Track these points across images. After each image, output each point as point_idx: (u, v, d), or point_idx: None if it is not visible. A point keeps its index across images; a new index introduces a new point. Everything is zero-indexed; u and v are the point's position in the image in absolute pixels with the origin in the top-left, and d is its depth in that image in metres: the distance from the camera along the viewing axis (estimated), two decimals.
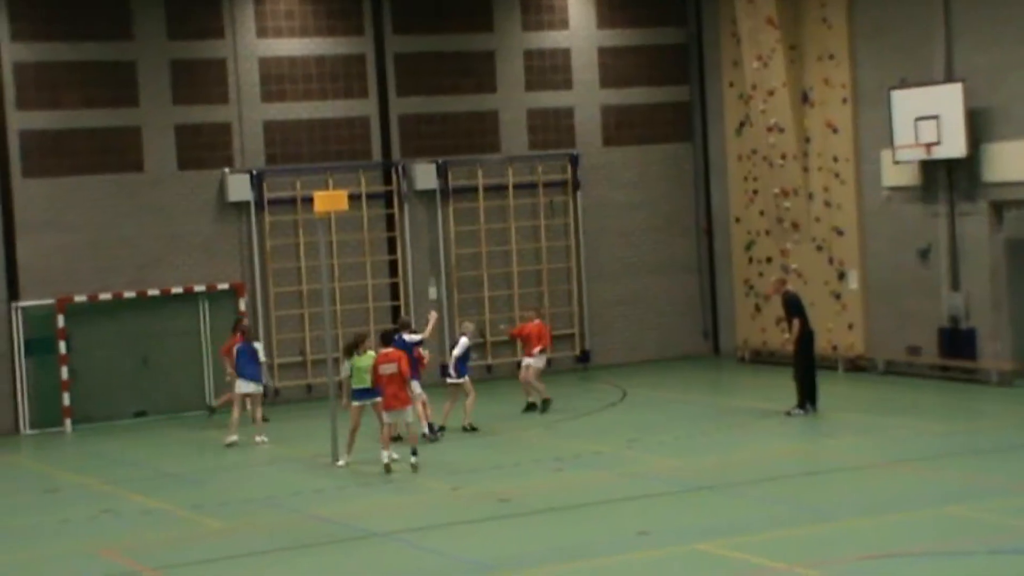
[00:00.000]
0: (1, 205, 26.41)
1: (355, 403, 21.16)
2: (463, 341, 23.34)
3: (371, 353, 21.10)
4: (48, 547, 17.63)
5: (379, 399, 20.69)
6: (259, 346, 23.96)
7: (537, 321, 25.15)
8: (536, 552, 15.98)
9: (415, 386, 22.30)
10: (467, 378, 23.25)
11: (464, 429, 23.16)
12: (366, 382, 20.97)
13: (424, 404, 22.74)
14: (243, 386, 23.60)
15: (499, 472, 20.31)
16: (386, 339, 21.06)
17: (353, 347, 21.27)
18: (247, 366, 23.53)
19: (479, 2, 29.60)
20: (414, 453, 20.45)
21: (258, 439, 23.50)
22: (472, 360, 24.02)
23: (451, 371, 23.31)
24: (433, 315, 24.16)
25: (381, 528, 17.34)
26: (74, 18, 26.80)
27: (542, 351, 24.87)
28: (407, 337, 22.53)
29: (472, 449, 21.89)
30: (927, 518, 16.58)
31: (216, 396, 26.52)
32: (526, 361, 25.00)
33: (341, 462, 21.06)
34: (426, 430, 22.72)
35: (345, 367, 21.34)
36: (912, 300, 27.08)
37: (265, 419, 24.37)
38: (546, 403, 24.81)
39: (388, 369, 20.32)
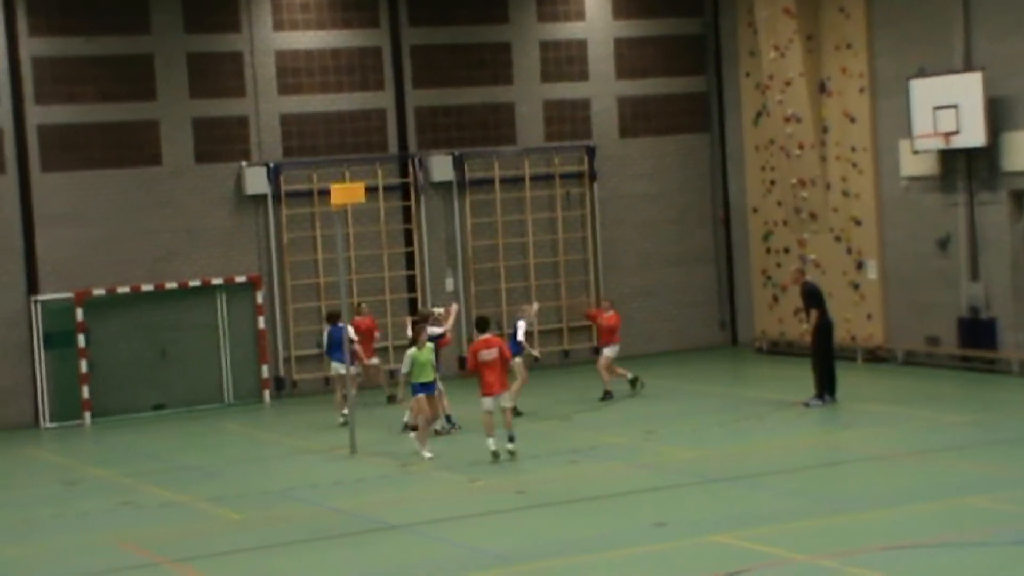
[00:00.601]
0: (20, 199, 26.48)
1: (420, 395, 21.18)
2: (522, 323, 23.48)
3: (430, 346, 21.30)
4: (68, 539, 17.68)
5: (437, 391, 21.16)
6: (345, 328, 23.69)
7: (613, 312, 25.53)
8: (553, 544, 15.96)
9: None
10: (519, 360, 23.19)
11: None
12: (429, 376, 21.08)
13: (442, 395, 22.73)
14: (335, 367, 23.92)
15: (516, 464, 20.30)
16: (482, 326, 21.09)
17: (414, 340, 21.33)
18: (337, 349, 23.54)
19: None
20: (511, 440, 20.35)
21: (340, 419, 23.67)
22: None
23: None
24: (454, 307, 24.19)
25: (399, 520, 17.35)
26: (91, 13, 26.85)
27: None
28: (429, 329, 22.52)
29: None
30: (947, 508, 16.52)
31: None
32: (606, 351, 25.23)
33: (428, 455, 20.91)
34: (443, 423, 22.72)
35: (406, 361, 21.30)
36: (931, 290, 26.98)
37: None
38: (634, 381, 25.60)
39: (489, 355, 20.21)
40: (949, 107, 25.44)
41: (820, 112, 28.71)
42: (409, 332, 23.17)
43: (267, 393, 27.76)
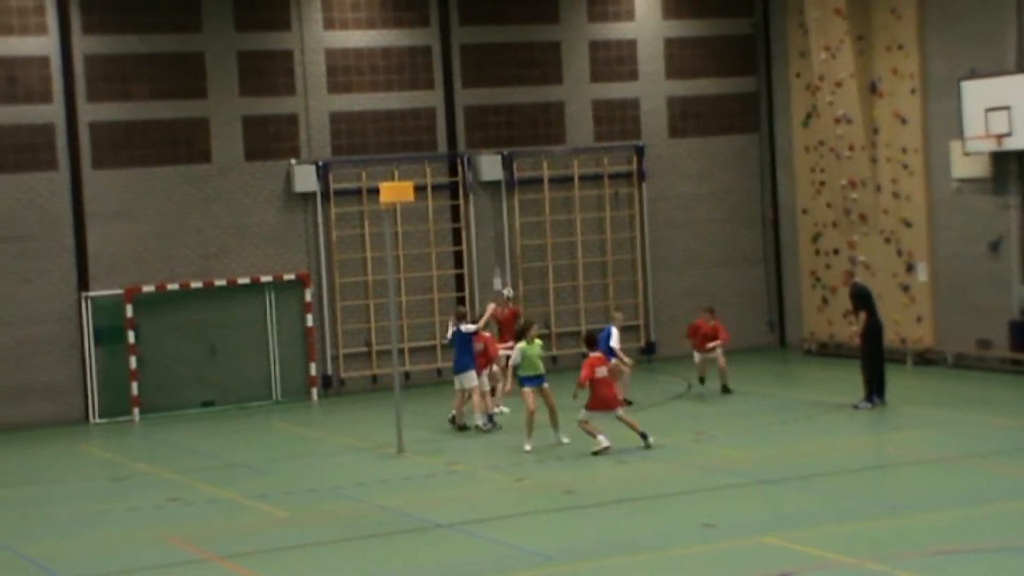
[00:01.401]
0: (72, 196, 26.68)
1: (526, 388, 21.31)
2: (614, 330, 23.38)
3: (539, 342, 21.63)
4: (117, 534, 17.80)
5: (546, 384, 21.31)
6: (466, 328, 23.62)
7: (715, 323, 25.66)
8: (600, 544, 15.93)
9: (472, 376, 22.57)
10: (615, 360, 23.04)
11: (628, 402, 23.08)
12: (538, 368, 21.33)
13: (483, 395, 22.77)
14: (461, 381, 23.32)
15: (563, 463, 20.28)
16: (590, 342, 21.34)
17: (522, 333, 21.62)
18: (463, 355, 23.28)
19: None
20: (645, 438, 20.78)
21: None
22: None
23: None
24: (491, 306, 24.19)
25: (445, 519, 17.36)
26: (144, 10, 27.02)
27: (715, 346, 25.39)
28: (463, 328, 22.65)
29: (535, 441, 21.85)
30: (998, 513, 16.37)
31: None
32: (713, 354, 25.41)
33: (528, 447, 21.01)
34: (483, 420, 22.75)
35: (516, 354, 21.55)
36: (982, 293, 26.77)
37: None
38: (724, 388, 25.52)
39: (602, 372, 20.71)
40: (1001, 109, 25.22)
41: (871, 113, 28.53)
42: (449, 333, 23.17)
43: (315, 391, 27.85)
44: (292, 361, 27.71)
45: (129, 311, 26.61)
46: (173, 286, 27.07)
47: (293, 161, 27.94)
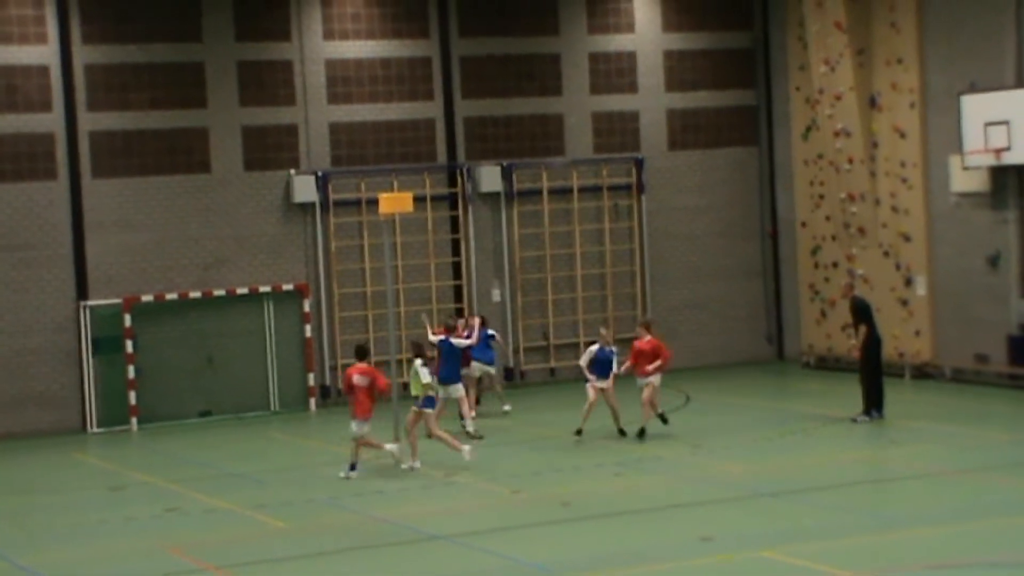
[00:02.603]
0: (71, 205, 26.68)
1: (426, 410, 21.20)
2: (607, 350, 22.59)
3: (418, 362, 21.49)
4: (114, 544, 17.78)
5: (429, 410, 21.11)
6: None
7: (648, 338, 22.72)
8: (597, 556, 15.91)
9: (459, 387, 22.78)
10: (600, 381, 22.65)
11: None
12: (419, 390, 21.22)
13: (462, 402, 23.02)
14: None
15: (560, 476, 20.26)
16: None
17: (421, 351, 21.49)
18: (478, 350, 24.38)
19: (545, 5, 29.58)
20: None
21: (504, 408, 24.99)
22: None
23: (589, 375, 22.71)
24: (476, 320, 24.23)
25: (442, 530, 17.34)
26: (144, 20, 27.03)
27: (657, 369, 22.62)
28: (454, 341, 22.68)
29: (533, 452, 21.85)
30: (996, 527, 16.36)
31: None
32: (642, 380, 22.66)
33: (398, 459, 21.10)
34: (473, 427, 23.12)
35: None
36: (980, 307, 26.77)
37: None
38: (646, 429, 22.60)
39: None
40: (1000, 123, 25.25)
41: (870, 127, 28.56)
42: (431, 336, 23.17)
43: (313, 401, 27.84)
44: (290, 371, 27.69)
45: (127, 321, 26.59)
46: (172, 296, 27.06)
47: (292, 171, 27.95)
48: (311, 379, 27.88)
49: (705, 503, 18.26)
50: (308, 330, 27.84)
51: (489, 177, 28.99)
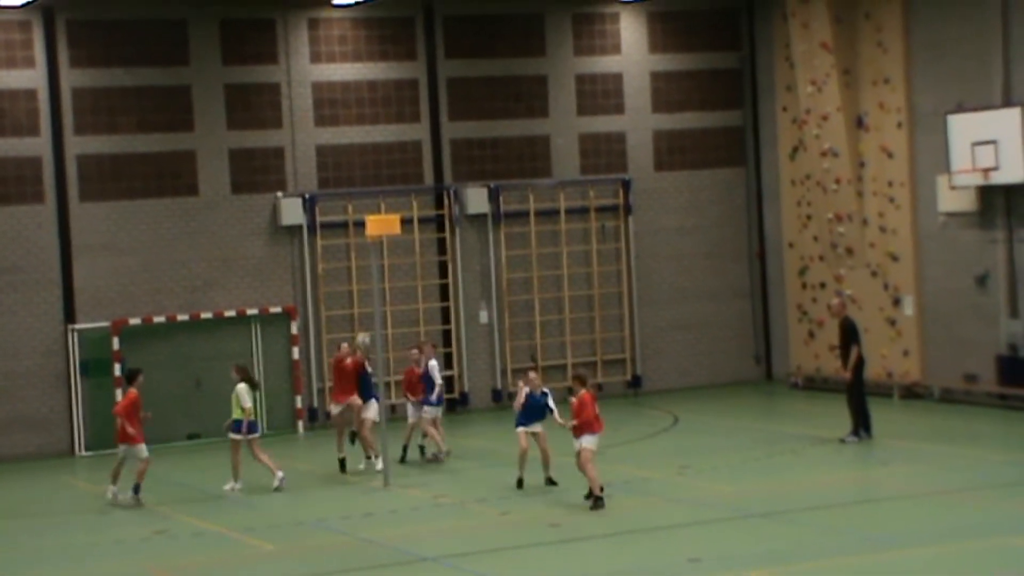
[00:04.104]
0: (59, 229, 26.64)
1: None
2: (539, 394, 20.63)
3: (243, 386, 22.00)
4: (102, 567, 17.70)
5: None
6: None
7: (583, 392, 19.58)
8: None
9: (433, 410, 22.92)
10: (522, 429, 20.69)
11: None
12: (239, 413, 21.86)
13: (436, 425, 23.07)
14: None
15: (549, 497, 20.21)
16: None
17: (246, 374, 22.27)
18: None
19: (531, 27, 29.64)
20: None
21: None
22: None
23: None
24: (428, 348, 23.59)
25: (430, 552, 17.29)
26: (131, 44, 27.04)
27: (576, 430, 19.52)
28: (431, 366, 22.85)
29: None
30: (984, 548, 16.34)
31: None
32: (576, 444, 19.46)
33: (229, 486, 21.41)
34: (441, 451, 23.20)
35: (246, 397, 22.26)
36: (969, 327, 26.80)
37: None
38: (598, 499, 19.23)
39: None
40: (988, 143, 25.32)
41: (857, 147, 28.62)
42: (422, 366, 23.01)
43: (301, 423, 27.78)
44: (278, 394, 27.63)
45: (115, 344, 26.53)
46: (160, 319, 27.01)
47: (279, 194, 27.94)
48: (299, 401, 27.83)
49: (693, 524, 18.22)
50: (296, 352, 27.79)
51: (476, 199, 29.00)
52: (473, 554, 17.22)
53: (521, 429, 20.63)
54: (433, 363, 23.16)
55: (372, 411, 22.77)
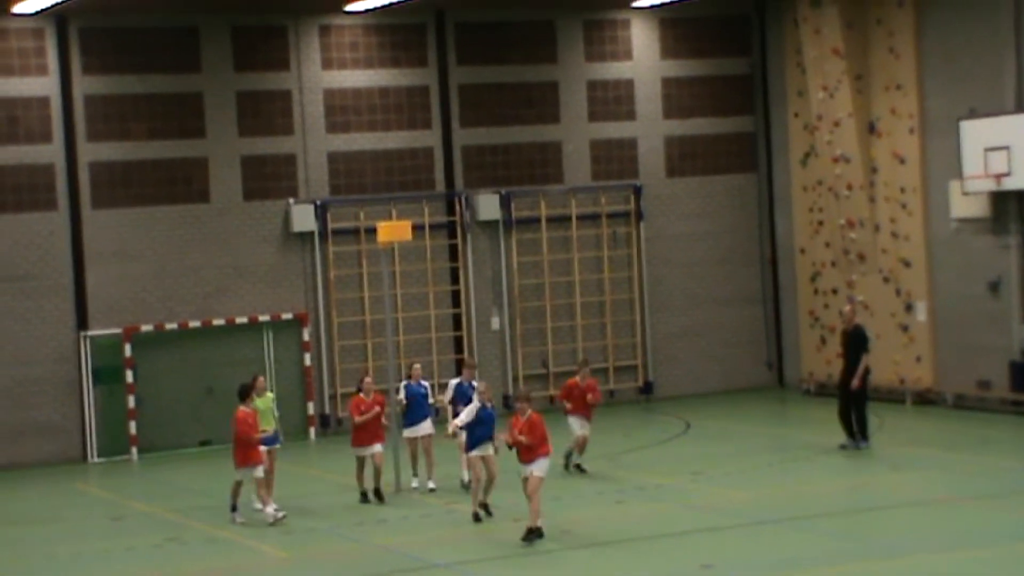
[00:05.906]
0: (71, 236, 26.69)
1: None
2: (490, 408, 19.32)
3: (270, 394, 21.48)
4: (115, 574, 17.71)
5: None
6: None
7: (532, 413, 18.12)
8: None
9: (429, 424, 21.65)
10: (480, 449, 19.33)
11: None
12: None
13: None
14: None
15: (560, 503, 20.19)
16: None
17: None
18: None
19: (542, 33, 29.65)
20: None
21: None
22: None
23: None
24: (416, 369, 22.23)
25: (442, 559, 17.29)
26: (143, 51, 27.10)
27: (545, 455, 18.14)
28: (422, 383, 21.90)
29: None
30: (999, 555, 16.30)
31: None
32: (527, 470, 18.02)
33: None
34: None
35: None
36: (982, 333, 26.73)
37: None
38: (535, 532, 17.83)
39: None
40: (1000, 148, 25.27)
41: (869, 153, 28.58)
42: (402, 395, 21.77)
43: (312, 430, 27.79)
44: (290, 400, 27.62)
45: (128, 350, 26.57)
46: (172, 325, 27.04)
47: (291, 201, 27.97)
48: (311, 408, 27.84)
49: (706, 531, 18.20)
50: (308, 359, 27.81)
51: (487, 205, 29.00)
52: (485, 560, 17.21)
53: (474, 454, 19.01)
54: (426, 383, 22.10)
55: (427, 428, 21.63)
